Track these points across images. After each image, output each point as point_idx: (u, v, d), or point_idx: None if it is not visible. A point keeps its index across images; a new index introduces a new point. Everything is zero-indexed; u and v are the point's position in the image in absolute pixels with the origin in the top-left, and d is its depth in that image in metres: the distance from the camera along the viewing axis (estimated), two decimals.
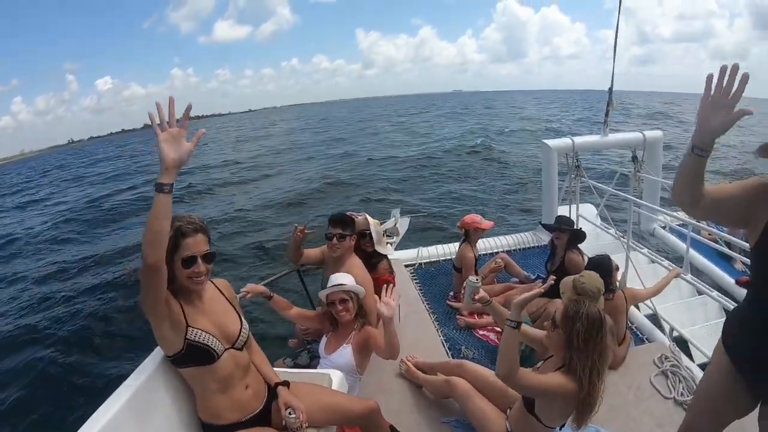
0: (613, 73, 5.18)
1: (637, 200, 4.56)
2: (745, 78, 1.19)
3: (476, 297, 2.20)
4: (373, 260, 3.30)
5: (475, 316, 3.92)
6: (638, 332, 3.74)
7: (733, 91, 1.21)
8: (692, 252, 4.32)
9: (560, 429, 2.07)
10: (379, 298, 2.24)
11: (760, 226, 1.44)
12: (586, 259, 3.48)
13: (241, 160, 25.07)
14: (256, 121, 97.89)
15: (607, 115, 5.44)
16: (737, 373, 1.61)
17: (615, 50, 5.11)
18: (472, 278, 2.30)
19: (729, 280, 4.24)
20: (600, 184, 5.42)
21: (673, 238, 5.52)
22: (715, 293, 3.68)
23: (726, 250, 4.38)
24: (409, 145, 25.53)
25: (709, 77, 1.22)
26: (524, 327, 2.13)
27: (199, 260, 1.65)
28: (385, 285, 2.33)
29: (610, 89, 5.26)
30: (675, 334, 3.56)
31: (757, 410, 1.62)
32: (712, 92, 1.23)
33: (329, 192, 14.56)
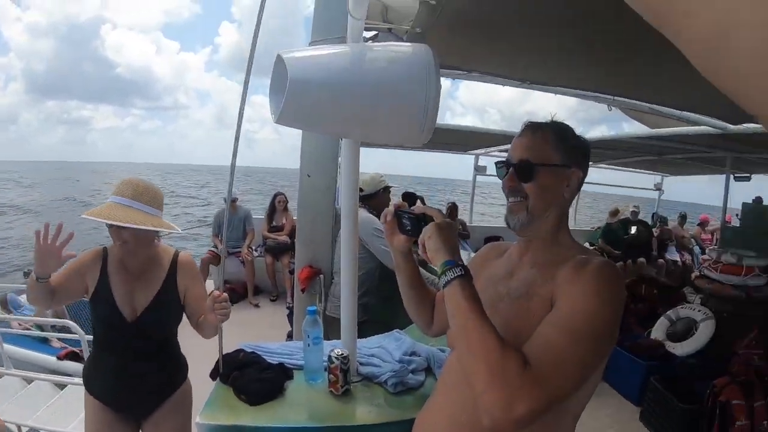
0: None
1: None
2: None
3: None
4: None
5: None
6: None
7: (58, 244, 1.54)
8: (9, 347, 4.12)
9: None
10: None
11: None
12: None
13: None
14: None
15: None
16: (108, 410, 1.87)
17: None
18: None
19: (52, 359, 4.30)
20: None
21: None
22: (43, 375, 3.86)
23: (40, 333, 4.45)
24: None
25: (38, 233, 1.52)
26: None
27: None
28: None
29: None
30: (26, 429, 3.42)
31: None
32: (41, 245, 1.53)
33: None
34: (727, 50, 0.24)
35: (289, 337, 3.94)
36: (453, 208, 7.09)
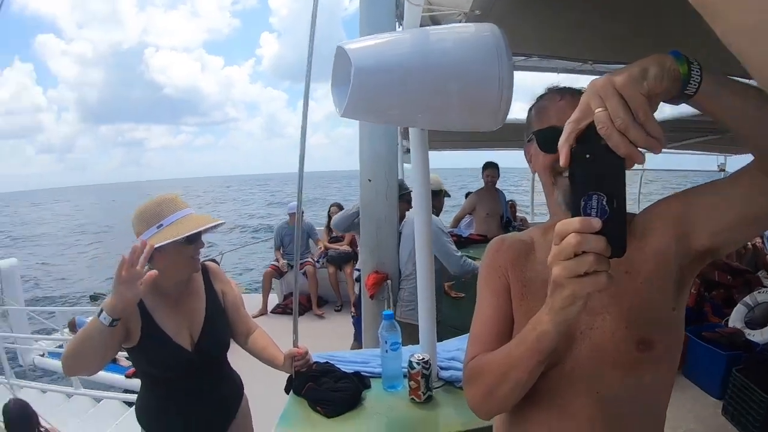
0: None
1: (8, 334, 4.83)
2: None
3: None
4: None
5: None
6: None
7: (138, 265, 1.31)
8: None
9: None
10: None
11: None
12: None
13: None
14: None
15: None
16: None
17: None
18: None
19: (120, 377, 4.57)
20: None
21: (56, 362, 5.31)
22: (111, 393, 4.39)
23: None
24: None
25: (124, 260, 1.29)
26: None
27: None
28: None
29: None
30: None
31: None
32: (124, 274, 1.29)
33: None
34: None
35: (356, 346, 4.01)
36: (512, 206, 6.77)
